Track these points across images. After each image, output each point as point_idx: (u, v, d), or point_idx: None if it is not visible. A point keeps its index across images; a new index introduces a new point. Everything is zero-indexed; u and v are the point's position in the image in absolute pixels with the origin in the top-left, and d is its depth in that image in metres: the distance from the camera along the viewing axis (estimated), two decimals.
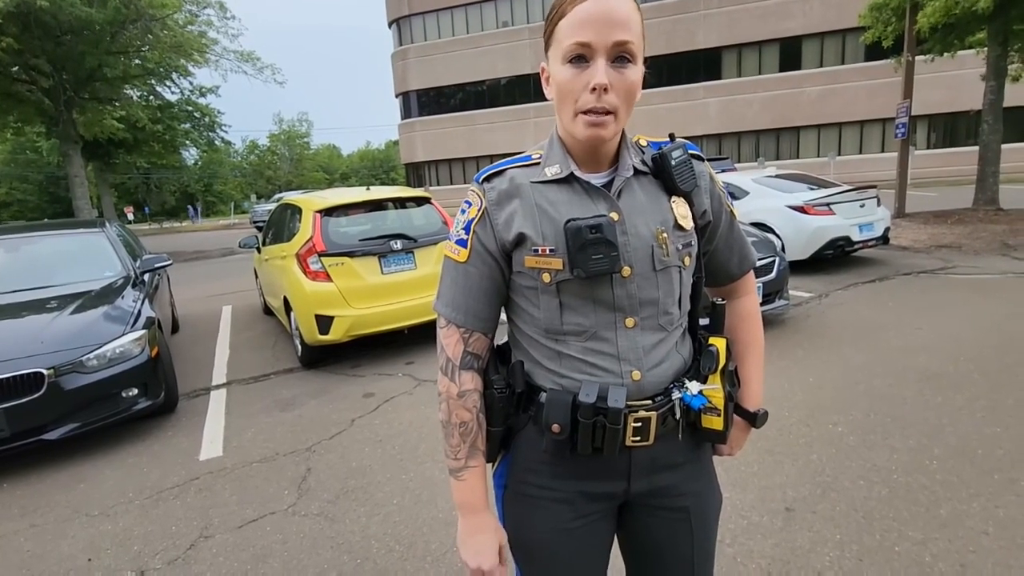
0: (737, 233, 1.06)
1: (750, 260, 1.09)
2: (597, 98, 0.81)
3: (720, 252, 1.04)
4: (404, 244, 4.60)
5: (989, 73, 10.53)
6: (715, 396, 0.94)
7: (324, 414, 3.66)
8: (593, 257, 0.84)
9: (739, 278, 1.09)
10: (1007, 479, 2.40)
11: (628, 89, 0.83)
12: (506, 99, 29.15)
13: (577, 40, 0.80)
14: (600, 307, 0.89)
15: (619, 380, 0.89)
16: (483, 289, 0.94)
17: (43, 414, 3.06)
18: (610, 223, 0.85)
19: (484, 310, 0.95)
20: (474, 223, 0.93)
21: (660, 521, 1.00)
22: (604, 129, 0.83)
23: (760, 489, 2.45)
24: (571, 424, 0.88)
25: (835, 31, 23.56)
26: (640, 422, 0.89)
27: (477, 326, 0.95)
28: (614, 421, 0.86)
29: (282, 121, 54.01)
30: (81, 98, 15.59)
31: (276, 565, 2.19)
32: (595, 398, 0.87)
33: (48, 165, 36.64)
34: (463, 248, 0.93)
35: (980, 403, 3.12)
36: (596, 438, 0.88)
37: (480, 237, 0.92)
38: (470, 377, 0.95)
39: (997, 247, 7.58)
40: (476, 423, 0.95)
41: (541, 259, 0.88)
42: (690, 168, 0.93)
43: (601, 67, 0.80)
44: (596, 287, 0.88)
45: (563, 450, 0.92)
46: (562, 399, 0.88)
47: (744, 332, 1.09)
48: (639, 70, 0.84)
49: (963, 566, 1.93)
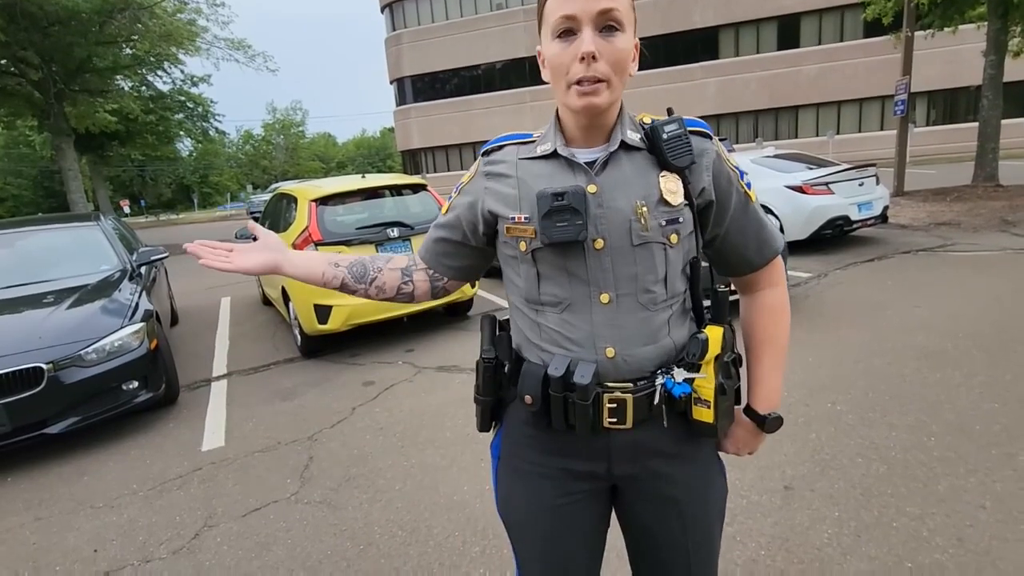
0: (754, 217, 0.99)
1: (772, 247, 1.00)
2: (586, 67, 0.82)
3: (732, 236, 0.98)
4: (401, 232, 4.57)
5: (989, 48, 10.40)
6: (703, 387, 0.91)
7: (325, 403, 3.67)
8: (558, 224, 0.86)
9: (760, 267, 1.01)
10: (1004, 454, 2.42)
11: (618, 57, 0.83)
12: (502, 83, 28.84)
13: (563, 14, 0.82)
14: (574, 279, 0.90)
15: (592, 355, 0.89)
16: (439, 239, 1.08)
17: (44, 408, 3.06)
18: (580, 192, 0.86)
19: (440, 256, 1.09)
20: (462, 186, 1.04)
21: (649, 507, 0.99)
22: (597, 97, 0.83)
23: (759, 469, 2.47)
24: (543, 398, 0.90)
25: (833, 7, 23.27)
26: (616, 403, 0.89)
27: (435, 267, 1.10)
28: (583, 397, 0.87)
29: (276, 110, 53.56)
30: (72, 90, 15.39)
31: (280, 552, 2.21)
32: (563, 372, 0.88)
33: (42, 159, 36.32)
34: (447, 203, 1.08)
35: (978, 380, 3.13)
36: (568, 414, 0.90)
37: (457, 199, 1.04)
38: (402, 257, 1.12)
39: (996, 223, 7.55)
40: (363, 264, 1.10)
41: (517, 227, 0.93)
42: (686, 143, 0.89)
43: (588, 36, 0.81)
44: (569, 258, 0.90)
45: (540, 423, 0.94)
46: (535, 371, 0.91)
47: (763, 328, 1.02)
48: (629, 38, 0.84)
49: (960, 540, 1.95)
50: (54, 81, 14.65)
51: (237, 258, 1.02)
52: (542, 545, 0.99)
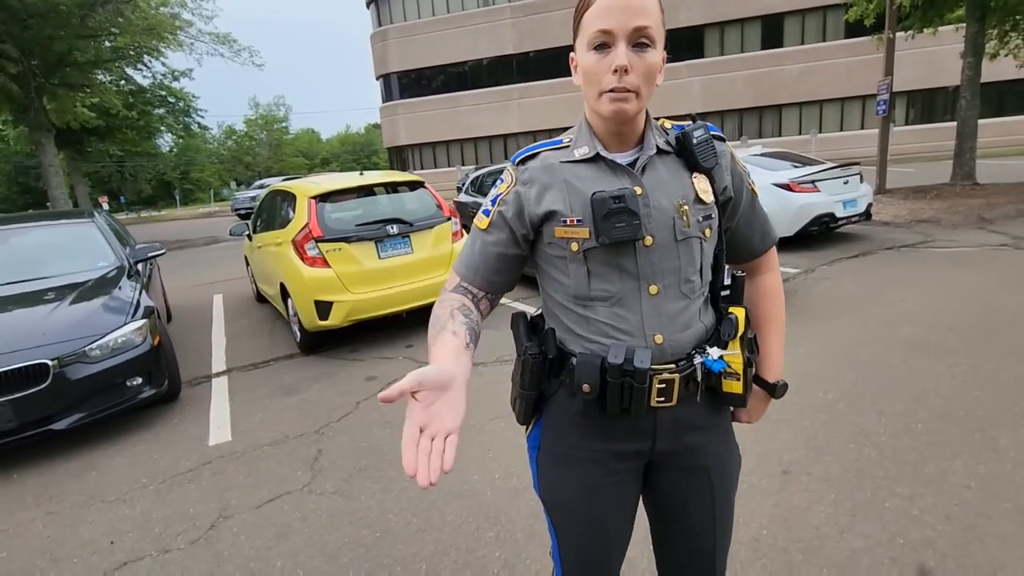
0: (759, 211, 1.12)
1: (772, 237, 1.15)
2: (618, 79, 0.88)
3: (742, 228, 1.11)
4: (400, 228, 4.61)
5: (967, 50, 10.69)
6: (735, 361, 1.01)
7: (328, 398, 3.71)
8: (616, 225, 0.92)
9: (761, 254, 1.15)
10: (987, 438, 2.56)
11: (648, 71, 0.90)
12: (489, 80, 28.81)
13: (600, 28, 0.88)
14: (625, 275, 0.97)
15: (643, 343, 0.97)
16: (494, 254, 1.03)
17: (49, 404, 3.07)
18: (633, 195, 0.93)
19: (490, 272, 1.04)
20: (501, 197, 1.03)
21: (684, 479, 1.08)
22: (627, 104, 0.90)
23: (758, 455, 2.58)
24: (600, 385, 0.95)
25: (816, 7, 23.65)
26: (664, 383, 0.97)
27: (479, 283, 1.05)
28: (640, 381, 0.94)
29: (258, 105, 52.83)
30: (52, 84, 15.09)
31: (298, 541, 2.26)
32: (623, 359, 0.94)
33: (16, 154, 35.44)
34: (486, 217, 1.04)
35: (961, 368, 3.28)
36: (624, 398, 0.96)
37: (503, 211, 1.02)
38: (455, 296, 1.03)
39: (974, 221, 7.80)
40: (449, 316, 0.95)
41: (569, 229, 0.97)
42: (711, 147, 1.00)
43: (622, 51, 0.87)
44: (620, 255, 0.96)
45: (593, 410, 0.99)
46: (592, 361, 0.96)
47: (765, 307, 1.15)
48: (658, 53, 0.91)
49: (948, 517, 2.07)
50: (34, 75, 14.35)
51: (447, 450, 0.76)
52: (588, 523, 1.06)
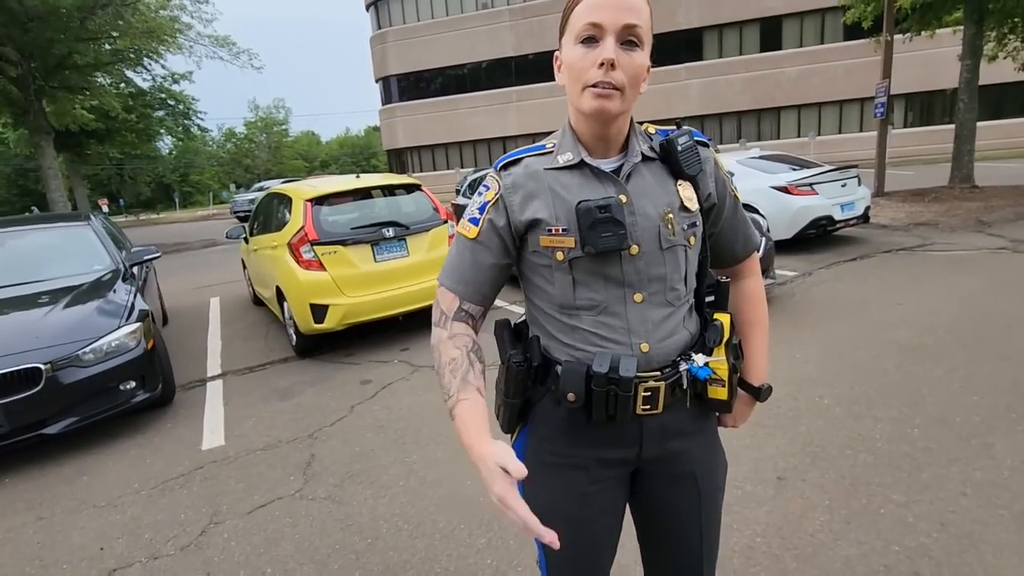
0: (741, 216, 1.11)
1: (754, 242, 1.15)
2: (604, 72, 0.86)
3: (725, 234, 1.10)
4: (396, 231, 4.61)
5: (965, 52, 10.70)
6: (720, 368, 1.00)
7: (323, 402, 3.70)
8: (602, 235, 0.91)
9: (744, 259, 1.15)
10: (983, 444, 2.54)
11: (635, 71, 0.89)
12: (488, 83, 28.84)
13: (590, 21, 0.86)
14: (610, 283, 0.96)
15: (629, 351, 0.96)
16: (487, 265, 1.00)
17: (42, 409, 3.05)
18: (618, 204, 0.92)
19: (484, 284, 1.01)
20: (488, 205, 0.99)
21: (670, 485, 1.07)
22: (610, 101, 0.88)
23: (752, 461, 2.56)
24: (586, 393, 0.94)
25: (814, 10, 23.66)
26: (649, 391, 0.96)
27: (475, 299, 1.01)
28: (625, 389, 0.92)
29: (258, 108, 52.88)
30: (51, 87, 15.09)
31: (288, 547, 2.24)
32: (607, 368, 0.93)
33: (16, 157, 35.41)
34: (475, 226, 1.00)
35: (958, 373, 3.26)
36: (609, 406, 0.95)
37: (492, 218, 0.99)
38: (462, 326, 1.00)
39: (972, 224, 7.79)
40: (467, 360, 0.95)
41: (555, 238, 0.95)
42: (696, 154, 0.99)
43: (610, 44, 0.86)
44: (606, 264, 0.95)
45: (579, 418, 0.98)
46: (577, 370, 0.95)
47: (748, 311, 1.16)
48: (645, 56, 0.90)
49: (943, 524, 2.05)
50: (34, 78, 14.35)
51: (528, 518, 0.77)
52: (574, 531, 1.04)
